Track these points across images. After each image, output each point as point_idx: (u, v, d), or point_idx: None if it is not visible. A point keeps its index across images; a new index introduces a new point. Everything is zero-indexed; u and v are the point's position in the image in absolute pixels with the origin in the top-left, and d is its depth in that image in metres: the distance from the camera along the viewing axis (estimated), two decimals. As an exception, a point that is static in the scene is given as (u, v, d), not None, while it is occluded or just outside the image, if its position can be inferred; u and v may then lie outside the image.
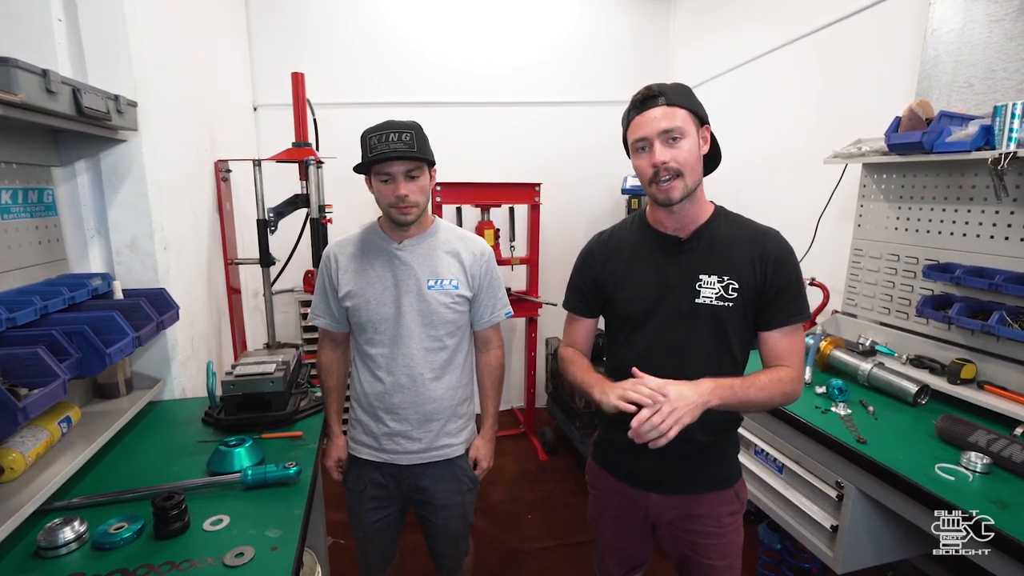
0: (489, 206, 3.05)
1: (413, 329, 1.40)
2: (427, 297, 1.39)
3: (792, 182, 2.56)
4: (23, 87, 1.03)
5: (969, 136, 1.50)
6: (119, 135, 1.55)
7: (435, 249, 1.43)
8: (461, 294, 1.43)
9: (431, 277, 1.41)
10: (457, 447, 1.49)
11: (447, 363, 1.45)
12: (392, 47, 3.28)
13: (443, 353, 1.44)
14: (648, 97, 1.07)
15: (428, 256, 1.42)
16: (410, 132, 1.31)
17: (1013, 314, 1.48)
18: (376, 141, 1.30)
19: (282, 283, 2.66)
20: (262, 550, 1.02)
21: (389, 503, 1.52)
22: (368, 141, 1.32)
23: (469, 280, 1.44)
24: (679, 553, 1.26)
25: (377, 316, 1.40)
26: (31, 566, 0.98)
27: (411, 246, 1.42)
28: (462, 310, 1.45)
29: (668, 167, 1.05)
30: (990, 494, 1.14)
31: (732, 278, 1.11)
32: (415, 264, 1.41)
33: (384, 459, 1.46)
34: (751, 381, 1.07)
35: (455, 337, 1.46)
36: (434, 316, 1.40)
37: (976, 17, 1.69)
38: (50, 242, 1.48)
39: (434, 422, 1.45)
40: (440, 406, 1.44)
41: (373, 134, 1.32)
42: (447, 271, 1.42)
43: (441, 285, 1.41)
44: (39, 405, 1.00)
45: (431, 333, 1.41)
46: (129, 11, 1.55)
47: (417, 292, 1.40)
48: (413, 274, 1.40)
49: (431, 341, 1.42)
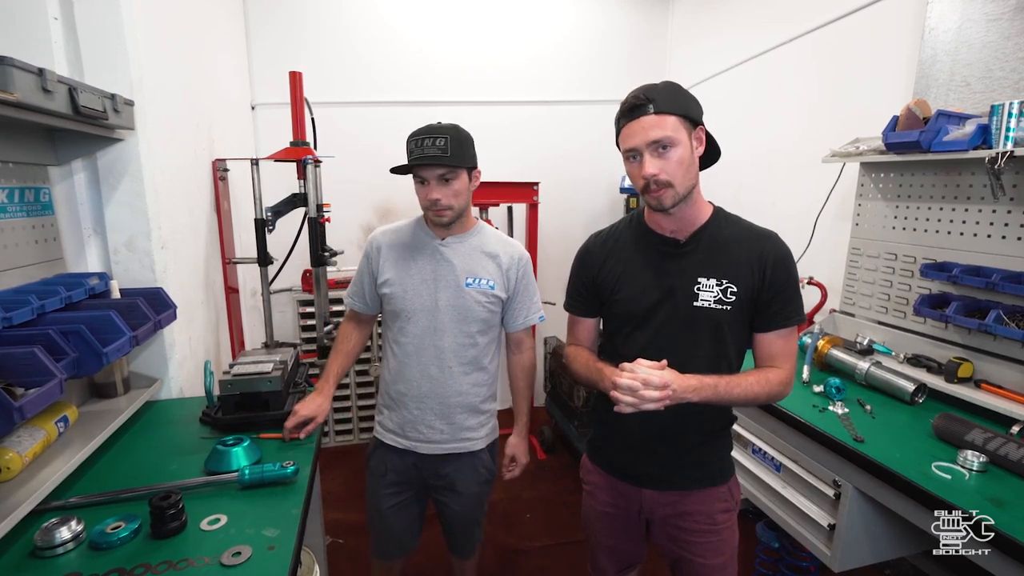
0: (487, 205, 3.04)
1: (447, 323, 1.45)
2: (464, 293, 1.44)
3: (790, 181, 2.56)
4: (19, 86, 1.03)
5: (966, 135, 1.50)
6: (116, 134, 1.55)
7: (476, 249, 1.48)
8: (496, 295, 1.48)
9: (470, 275, 1.46)
10: (477, 441, 1.54)
11: (476, 359, 1.50)
12: (391, 46, 3.28)
13: (473, 350, 1.49)
14: (636, 106, 1.05)
15: (468, 255, 1.47)
16: (445, 137, 1.34)
17: (1010, 313, 1.48)
18: (414, 146, 1.35)
19: (280, 282, 2.66)
20: (259, 549, 1.02)
21: (406, 489, 1.57)
22: (409, 145, 1.37)
23: (505, 282, 1.49)
24: (673, 553, 1.26)
25: (413, 306, 1.45)
26: (28, 566, 0.98)
27: (453, 243, 1.47)
28: (495, 310, 1.50)
29: (658, 179, 1.05)
30: (986, 492, 1.14)
31: (730, 281, 1.11)
32: (456, 261, 1.46)
33: (406, 446, 1.52)
34: (738, 381, 1.08)
35: (486, 336, 1.51)
36: (469, 313, 1.45)
37: (973, 16, 1.69)
38: (47, 241, 1.47)
39: (457, 415, 1.50)
40: (464, 400, 1.50)
41: (413, 138, 1.36)
42: (485, 271, 1.47)
43: (479, 284, 1.46)
44: (35, 405, 1.00)
45: (464, 329, 1.46)
46: (126, 10, 1.55)
47: (455, 287, 1.45)
48: (453, 270, 1.45)
49: (463, 337, 1.47)
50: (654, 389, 1.00)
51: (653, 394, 0.99)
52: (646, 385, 1.00)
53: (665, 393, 1.00)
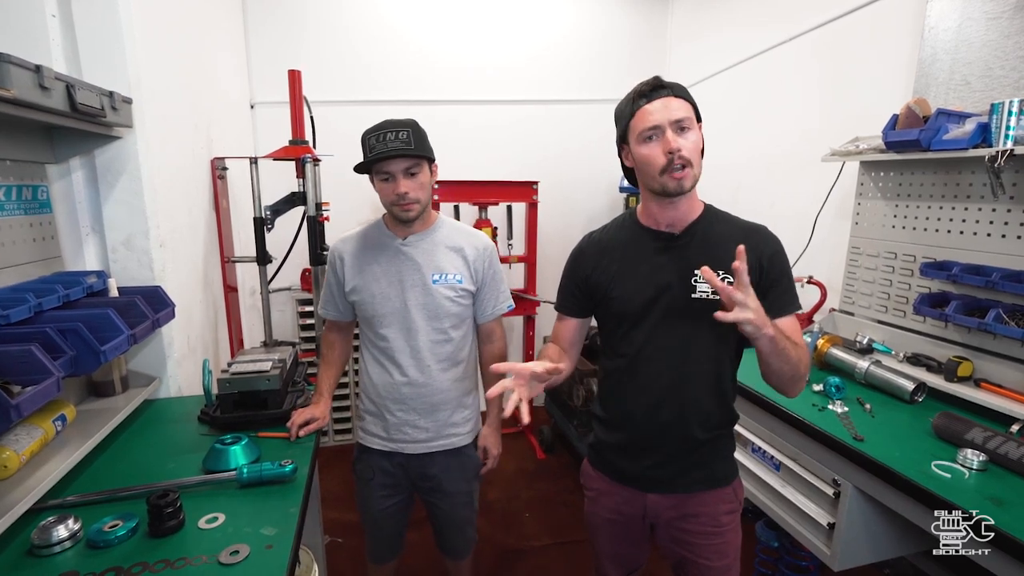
0: (487, 204, 3.04)
1: (419, 322, 1.45)
2: (432, 291, 1.44)
3: (790, 180, 2.56)
4: (15, 82, 1.03)
5: (966, 134, 1.50)
6: (114, 132, 1.54)
7: (439, 245, 1.47)
8: (465, 288, 1.47)
9: (435, 272, 1.45)
10: (463, 436, 1.55)
11: (453, 355, 1.50)
12: (390, 45, 3.27)
13: (449, 345, 1.48)
14: (656, 87, 1.08)
15: (432, 251, 1.46)
16: (407, 130, 1.34)
17: (1010, 312, 1.48)
18: (375, 141, 1.33)
19: (279, 281, 2.66)
20: (257, 548, 1.01)
21: (397, 491, 1.57)
22: (367, 142, 1.35)
23: (472, 274, 1.49)
24: (677, 555, 1.25)
25: (383, 310, 1.45)
26: (25, 564, 0.98)
27: (415, 242, 1.46)
28: (466, 303, 1.50)
29: (683, 156, 1.05)
30: (986, 491, 1.14)
31: (727, 273, 1.11)
32: (420, 259, 1.45)
33: (392, 448, 1.52)
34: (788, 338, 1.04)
35: (460, 330, 1.51)
36: (439, 309, 1.45)
37: (973, 15, 1.69)
38: (44, 239, 1.47)
39: (441, 412, 1.50)
40: (446, 397, 1.50)
41: (372, 134, 1.35)
42: (451, 266, 1.46)
43: (445, 279, 1.45)
44: (32, 403, 0.99)
45: (436, 326, 1.46)
46: (124, 7, 1.54)
47: (423, 286, 1.44)
48: (418, 269, 1.44)
49: (437, 334, 1.47)
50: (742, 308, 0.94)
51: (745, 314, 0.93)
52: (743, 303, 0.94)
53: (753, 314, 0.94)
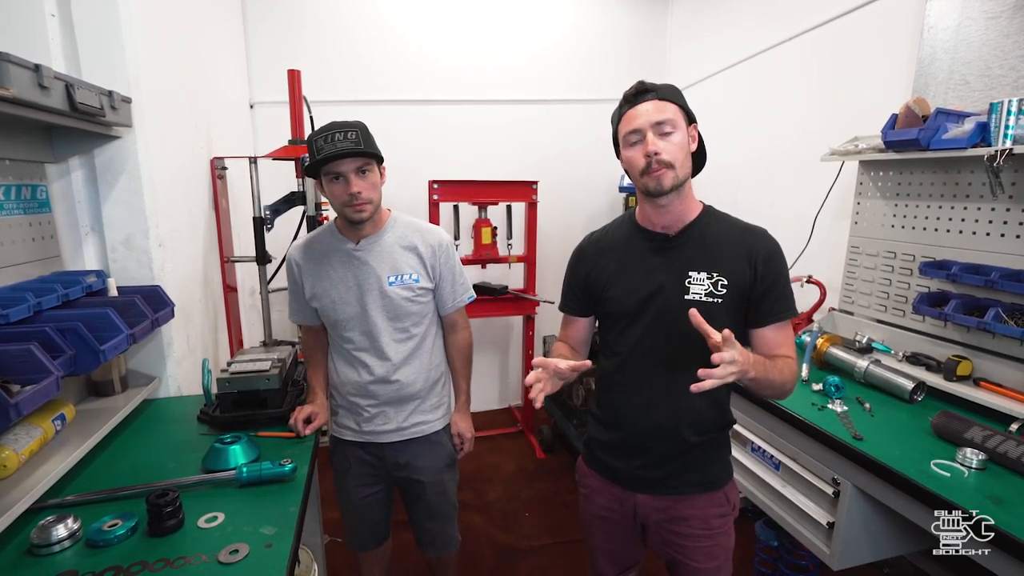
0: (486, 204, 3.04)
1: (380, 324, 1.45)
2: (389, 293, 1.44)
3: (789, 180, 2.56)
4: (14, 81, 1.03)
5: (965, 133, 1.50)
6: (113, 131, 1.54)
7: (392, 246, 1.46)
8: (422, 286, 1.47)
9: (391, 273, 1.44)
10: (434, 423, 1.57)
11: (416, 350, 1.51)
12: (390, 45, 3.27)
13: (411, 342, 1.50)
14: (640, 92, 1.09)
15: (387, 253, 1.45)
16: (355, 131, 1.32)
17: (1009, 311, 1.48)
18: (323, 142, 1.30)
19: (279, 281, 2.65)
20: (257, 547, 1.02)
21: (376, 480, 1.59)
22: (315, 144, 1.31)
23: (429, 272, 1.49)
24: (667, 555, 1.26)
25: (344, 315, 1.45)
26: (24, 564, 0.98)
27: (368, 246, 1.44)
28: (425, 300, 1.50)
29: (660, 158, 1.06)
30: (985, 490, 1.14)
31: (721, 274, 1.11)
32: (374, 263, 1.44)
33: (366, 439, 1.54)
34: (773, 363, 1.06)
35: (421, 326, 1.51)
36: (399, 310, 1.45)
37: (972, 14, 1.69)
38: (44, 239, 1.47)
39: (410, 403, 1.52)
40: (414, 390, 1.51)
41: (319, 136, 1.31)
42: (407, 265, 1.46)
43: (402, 280, 1.45)
44: (31, 402, 1.00)
45: (397, 326, 1.47)
46: (123, 7, 1.54)
47: (379, 290, 1.44)
48: (373, 273, 1.43)
49: (399, 333, 1.48)
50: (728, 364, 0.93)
51: (730, 368, 0.93)
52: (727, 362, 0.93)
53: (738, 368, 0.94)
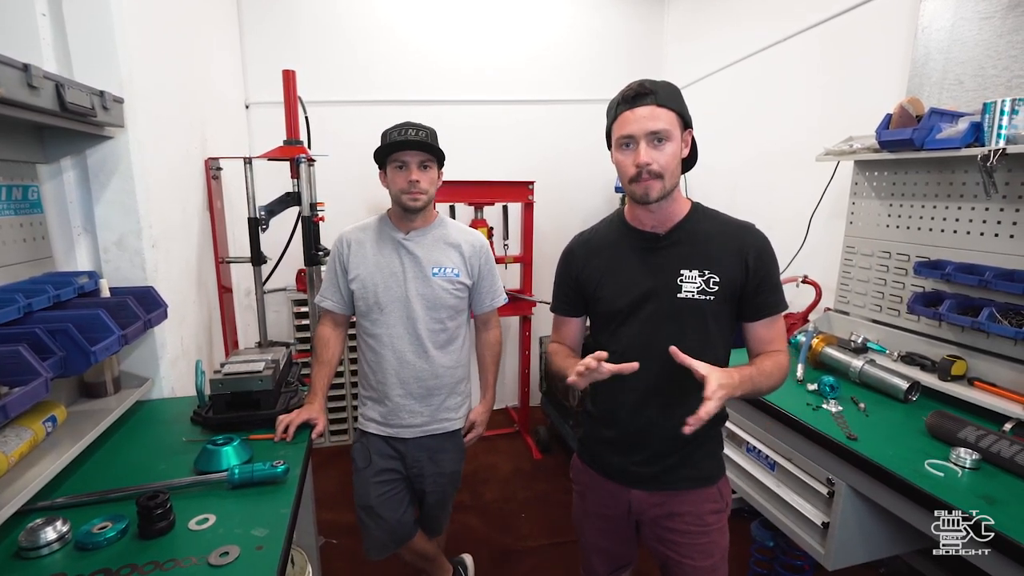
0: (483, 204, 3.04)
1: (419, 311, 1.55)
2: (432, 283, 1.55)
3: (785, 180, 2.56)
4: (2, 81, 1.02)
5: (959, 133, 1.50)
6: (105, 131, 1.53)
7: (439, 241, 1.59)
8: (462, 281, 1.59)
9: (435, 265, 1.56)
10: (456, 421, 1.66)
11: (448, 342, 1.61)
12: (386, 45, 3.26)
13: (444, 334, 1.60)
14: (640, 94, 1.07)
15: (432, 247, 1.57)
16: (427, 130, 1.51)
17: (1003, 310, 1.48)
18: (396, 134, 1.48)
19: (274, 282, 2.65)
20: (247, 549, 1.01)
21: (396, 476, 1.63)
22: (388, 135, 1.50)
23: (469, 269, 1.60)
24: (661, 554, 1.25)
25: (386, 298, 1.55)
26: (12, 567, 0.97)
27: (417, 237, 1.57)
28: (462, 296, 1.61)
29: (651, 169, 1.05)
30: (979, 490, 1.14)
31: (713, 272, 1.12)
32: (420, 253, 1.56)
33: (390, 433, 1.61)
34: (760, 369, 1.10)
35: (455, 320, 1.61)
36: (437, 300, 1.56)
37: (966, 15, 1.69)
38: (35, 240, 1.46)
39: (435, 396, 1.60)
40: (441, 382, 1.60)
41: (393, 129, 1.49)
42: (449, 260, 1.57)
43: (444, 273, 1.56)
44: (19, 404, 0.99)
45: (434, 315, 1.57)
46: (116, 6, 1.53)
47: (423, 278, 1.55)
48: (418, 262, 1.55)
49: (434, 323, 1.57)
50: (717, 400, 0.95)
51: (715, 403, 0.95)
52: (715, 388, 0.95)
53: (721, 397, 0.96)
